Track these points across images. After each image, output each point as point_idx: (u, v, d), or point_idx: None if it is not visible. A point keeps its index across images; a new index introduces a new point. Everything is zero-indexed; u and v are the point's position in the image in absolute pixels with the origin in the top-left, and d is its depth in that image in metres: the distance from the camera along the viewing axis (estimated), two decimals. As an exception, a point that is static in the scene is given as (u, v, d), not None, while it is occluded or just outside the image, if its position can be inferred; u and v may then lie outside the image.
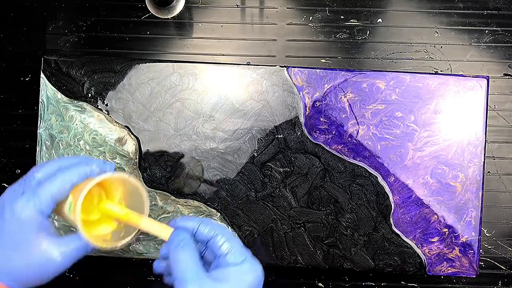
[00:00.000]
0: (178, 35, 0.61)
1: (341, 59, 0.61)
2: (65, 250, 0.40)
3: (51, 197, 0.39)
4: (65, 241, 0.40)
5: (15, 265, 0.38)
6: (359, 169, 0.56)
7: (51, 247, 0.39)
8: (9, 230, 0.38)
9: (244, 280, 0.38)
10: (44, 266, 0.39)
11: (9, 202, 0.39)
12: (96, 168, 0.41)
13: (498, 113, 0.60)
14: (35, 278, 0.39)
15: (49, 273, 0.40)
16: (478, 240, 0.55)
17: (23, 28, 0.62)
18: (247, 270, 0.39)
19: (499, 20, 0.61)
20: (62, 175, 0.39)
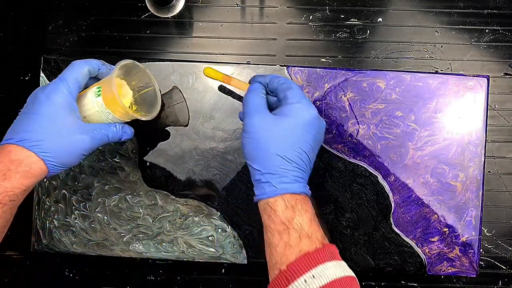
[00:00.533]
0: (178, 34, 0.61)
1: (341, 58, 0.61)
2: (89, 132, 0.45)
3: (75, 79, 0.45)
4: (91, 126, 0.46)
5: (49, 140, 0.43)
6: (359, 168, 0.56)
7: (77, 128, 0.45)
8: (47, 112, 0.44)
9: (299, 116, 0.44)
10: (71, 143, 0.44)
11: (42, 90, 0.45)
12: (105, 66, 0.48)
13: (499, 112, 0.60)
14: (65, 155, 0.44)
15: (76, 151, 0.45)
16: (478, 240, 0.55)
17: (23, 27, 0.62)
18: (303, 108, 0.45)
19: (499, 19, 0.61)
20: (78, 64, 0.46)
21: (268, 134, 0.44)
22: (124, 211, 0.56)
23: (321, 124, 0.46)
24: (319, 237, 0.42)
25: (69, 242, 0.57)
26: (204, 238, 0.56)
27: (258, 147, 0.44)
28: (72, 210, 0.57)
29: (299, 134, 0.44)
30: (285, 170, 0.43)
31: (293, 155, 0.43)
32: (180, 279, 0.60)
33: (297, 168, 0.44)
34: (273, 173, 0.43)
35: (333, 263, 0.41)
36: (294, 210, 0.43)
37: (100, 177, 0.56)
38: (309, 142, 0.44)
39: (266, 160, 0.44)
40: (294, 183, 0.44)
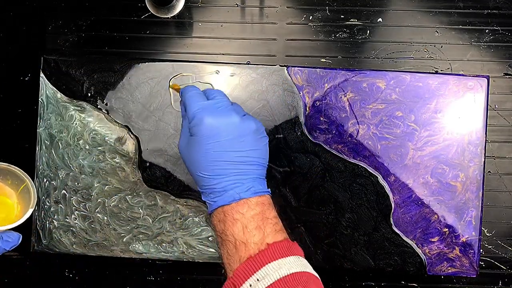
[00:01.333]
0: (178, 34, 0.61)
1: (341, 58, 0.60)
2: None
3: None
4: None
5: None
6: (359, 168, 0.56)
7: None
8: None
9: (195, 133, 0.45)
10: None
11: None
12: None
13: (499, 112, 0.60)
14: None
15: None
16: (478, 240, 0.55)
17: (22, 27, 0.61)
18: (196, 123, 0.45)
19: (499, 19, 0.61)
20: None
21: (186, 157, 0.46)
22: (124, 212, 0.56)
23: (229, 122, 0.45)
24: (258, 240, 0.43)
25: (69, 243, 0.57)
26: (204, 238, 0.56)
27: (189, 171, 0.47)
28: (72, 210, 0.57)
29: (206, 148, 0.44)
30: (211, 186, 0.45)
31: (210, 170, 0.44)
32: (180, 279, 0.60)
33: (223, 178, 0.44)
34: (203, 191, 0.46)
35: (278, 263, 0.41)
36: (224, 222, 0.44)
37: (100, 178, 0.56)
38: (221, 149, 0.44)
39: (196, 181, 0.46)
40: (222, 194, 0.44)
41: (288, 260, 0.42)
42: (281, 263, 0.41)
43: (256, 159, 0.46)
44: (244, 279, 0.41)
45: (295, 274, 0.41)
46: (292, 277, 0.41)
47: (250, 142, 0.45)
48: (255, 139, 0.46)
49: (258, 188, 0.45)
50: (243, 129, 0.45)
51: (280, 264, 0.41)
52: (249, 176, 0.45)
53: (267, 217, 0.44)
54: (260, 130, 0.47)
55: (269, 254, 0.42)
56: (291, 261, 0.42)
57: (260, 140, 0.46)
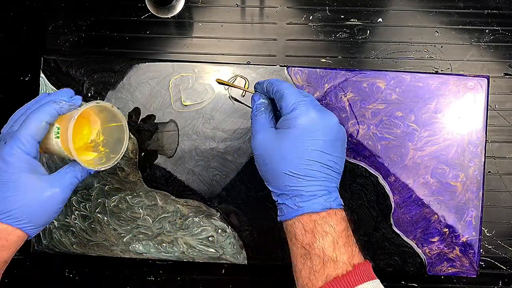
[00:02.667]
0: (178, 34, 0.61)
1: (341, 58, 0.60)
2: (59, 184, 0.43)
3: (31, 137, 0.41)
4: (57, 176, 0.43)
5: (20, 206, 0.40)
6: (359, 168, 0.56)
7: (46, 184, 0.42)
8: (6, 176, 0.40)
9: (297, 125, 0.41)
10: (45, 202, 0.42)
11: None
12: (65, 105, 0.43)
13: (499, 112, 0.60)
14: (41, 215, 0.42)
15: (52, 207, 0.42)
16: (478, 240, 0.55)
17: (22, 27, 0.61)
18: (299, 115, 0.41)
19: (499, 19, 0.61)
20: (35, 116, 0.42)
21: (271, 152, 0.41)
22: (124, 212, 0.56)
23: (329, 122, 0.42)
24: (346, 259, 0.39)
25: (69, 243, 0.57)
26: (204, 238, 0.56)
27: (267, 168, 0.42)
28: (72, 210, 0.56)
29: (303, 145, 0.40)
30: (298, 188, 0.40)
31: (303, 169, 0.40)
32: (180, 279, 0.60)
33: (313, 182, 0.41)
34: (286, 193, 0.41)
35: (364, 286, 0.39)
36: (314, 233, 0.40)
37: (100, 178, 0.56)
38: (318, 149, 0.41)
39: (276, 180, 0.41)
40: (311, 200, 0.40)
41: (372, 285, 0.39)
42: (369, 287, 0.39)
43: (340, 168, 0.43)
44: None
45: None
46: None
47: (340, 149, 0.43)
48: (344, 146, 0.43)
49: (340, 200, 0.42)
50: (338, 133, 0.42)
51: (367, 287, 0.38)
52: (334, 184, 0.42)
53: (351, 234, 0.42)
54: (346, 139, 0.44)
55: (357, 277, 0.39)
56: (376, 284, 0.40)
57: (345, 148, 0.44)
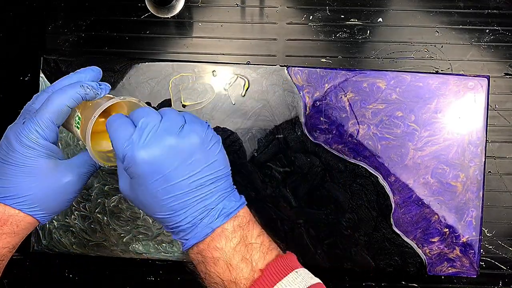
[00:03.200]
0: (178, 34, 0.61)
1: (341, 58, 0.60)
2: (76, 172, 0.41)
3: (51, 122, 0.39)
4: (75, 162, 0.42)
5: (34, 193, 0.39)
6: (360, 169, 0.56)
7: (63, 171, 0.40)
8: (21, 160, 0.39)
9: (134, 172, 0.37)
10: (60, 189, 0.40)
11: (14, 134, 0.39)
12: (91, 91, 0.41)
13: (499, 112, 0.60)
14: (55, 203, 0.41)
15: (66, 196, 0.41)
16: (478, 240, 0.55)
17: (22, 27, 0.61)
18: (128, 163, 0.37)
19: (500, 19, 0.61)
20: (57, 99, 0.39)
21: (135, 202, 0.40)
22: (124, 212, 0.56)
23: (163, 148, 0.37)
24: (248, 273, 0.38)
25: (69, 243, 0.56)
26: (204, 238, 0.56)
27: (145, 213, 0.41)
28: (72, 210, 0.56)
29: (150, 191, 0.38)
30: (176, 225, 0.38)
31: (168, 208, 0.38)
32: (180, 279, 0.60)
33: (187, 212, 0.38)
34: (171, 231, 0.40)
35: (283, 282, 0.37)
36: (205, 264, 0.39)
37: (99, 178, 0.56)
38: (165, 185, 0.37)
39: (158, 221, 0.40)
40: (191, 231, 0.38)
41: (287, 280, 0.37)
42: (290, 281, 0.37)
43: (215, 174, 0.38)
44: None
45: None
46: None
47: (201, 160, 0.38)
48: (204, 152, 0.38)
49: (230, 207, 0.39)
50: (186, 149, 0.37)
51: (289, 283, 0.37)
52: (214, 197, 0.38)
53: (250, 242, 0.39)
54: (207, 138, 0.39)
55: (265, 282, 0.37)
56: (290, 280, 0.38)
57: (211, 150, 0.39)
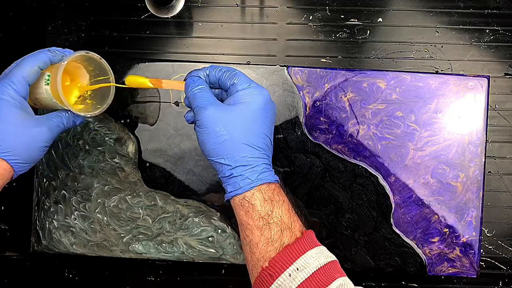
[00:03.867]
0: (178, 34, 0.61)
1: (341, 58, 0.60)
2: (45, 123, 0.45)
3: (23, 78, 0.44)
4: (44, 116, 0.46)
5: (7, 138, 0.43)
6: (360, 169, 0.56)
7: (33, 121, 0.44)
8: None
9: (255, 100, 0.43)
10: (31, 136, 0.44)
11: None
12: (58, 54, 0.46)
13: (499, 112, 0.60)
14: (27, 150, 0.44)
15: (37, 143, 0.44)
16: (478, 240, 0.55)
17: (22, 27, 0.61)
18: (256, 91, 0.43)
19: (500, 19, 0.61)
20: (28, 61, 0.45)
21: (228, 124, 0.41)
22: (124, 212, 0.56)
23: (273, 106, 0.45)
24: (299, 226, 0.41)
25: (69, 243, 0.56)
26: (204, 238, 0.56)
27: (221, 140, 0.41)
28: (72, 210, 0.56)
29: (259, 119, 0.42)
30: (256, 159, 0.41)
31: (260, 142, 0.42)
32: (180, 279, 0.60)
33: (265, 155, 0.43)
34: (245, 165, 0.41)
35: (314, 251, 0.40)
36: (273, 202, 0.41)
37: (99, 178, 0.56)
38: (269, 125, 0.43)
39: (233, 151, 0.41)
40: (266, 171, 0.42)
41: (322, 249, 0.41)
42: (318, 251, 0.40)
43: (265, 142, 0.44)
44: (284, 268, 0.39)
45: (332, 262, 0.40)
46: (330, 265, 0.40)
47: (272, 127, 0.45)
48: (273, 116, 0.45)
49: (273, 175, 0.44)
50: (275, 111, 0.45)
51: (318, 253, 0.40)
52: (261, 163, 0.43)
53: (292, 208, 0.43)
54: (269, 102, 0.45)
55: (306, 242, 0.40)
56: (323, 250, 0.41)
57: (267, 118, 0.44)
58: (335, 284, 0.38)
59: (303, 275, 0.38)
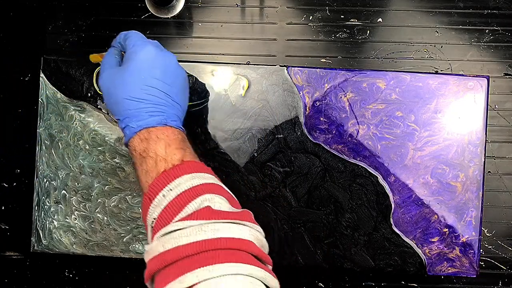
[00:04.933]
0: (178, 34, 0.61)
1: (341, 58, 0.60)
2: None
3: None
4: None
5: None
6: (359, 169, 0.56)
7: None
8: None
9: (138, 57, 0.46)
10: None
11: None
12: None
13: (499, 112, 0.60)
14: None
15: None
16: (478, 240, 0.55)
17: (23, 27, 0.61)
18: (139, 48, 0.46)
19: (499, 19, 0.61)
20: None
21: (115, 83, 0.46)
22: (124, 212, 0.56)
23: (164, 57, 0.47)
24: (178, 158, 0.44)
25: (69, 243, 0.57)
26: (204, 238, 0.56)
27: (111, 99, 0.46)
28: (72, 210, 0.57)
29: (144, 73, 0.45)
30: (138, 110, 0.45)
31: (142, 94, 0.45)
32: (180, 279, 0.60)
33: (152, 104, 0.45)
34: (129, 117, 0.45)
35: (191, 175, 0.42)
36: (148, 141, 0.45)
37: (100, 178, 0.56)
38: (157, 77, 0.45)
39: (119, 107, 0.46)
40: (149, 118, 0.45)
41: (202, 175, 0.43)
42: (194, 175, 0.43)
43: (181, 102, 0.48)
44: (158, 191, 0.42)
45: (207, 184, 0.42)
46: (204, 186, 0.42)
47: (180, 84, 0.48)
48: (183, 84, 0.49)
49: (181, 125, 0.47)
50: (178, 70, 0.48)
51: (194, 176, 0.43)
52: (174, 112, 0.47)
53: (187, 145, 0.46)
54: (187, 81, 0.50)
55: (184, 168, 0.43)
56: (205, 176, 0.43)
57: (187, 88, 0.50)
58: (200, 199, 0.41)
59: (174, 194, 0.41)
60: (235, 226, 0.40)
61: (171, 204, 0.41)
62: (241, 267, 0.38)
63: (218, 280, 0.36)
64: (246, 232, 0.40)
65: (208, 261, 0.37)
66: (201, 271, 0.37)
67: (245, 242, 0.40)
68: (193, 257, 0.38)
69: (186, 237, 0.39)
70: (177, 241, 0.39)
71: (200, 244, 0.38)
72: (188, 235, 0.39)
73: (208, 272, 0.36)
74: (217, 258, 0.37)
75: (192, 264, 0.37)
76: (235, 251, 0.39)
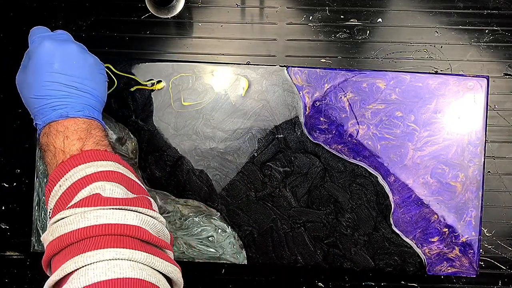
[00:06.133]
0: (178, 34, 0.61)
1: (341, 58, 0.61)
2: None
3: None
4: None
5: None
6: (359, 168, 0.56)
7: None
8: None
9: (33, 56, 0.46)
10: None
11: None
12: None
13: (498, 112, 0.60)
14: None
15: None
16: (478, 240, 0.55)
17: (23, 27, 0.61)
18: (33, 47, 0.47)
19: (499, 19, 0.61)
20: None
21: (22, 84, 0.47)
22: (124, 212, 0.56)
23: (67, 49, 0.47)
24: (76, 148, 0.44)
25: (69, 243, 0.56)
26: (204, 238, 0.56)
27: (23, 98, 0.48)
28: (72, 210, 0.56)
29: (42, 69, 0.46)
30: (42, 107, 0.46)
31: (43, 91, 0.46)
32: (180, 279, 0.60)
33: (55, 99, 0.46)
34: (36, 115, 0.47)
35: (88, 164, 0.43)
36: (48, 135, 0.46)
37: (100, 178, 0.56)
38: (56, 71, 0.46)
39: (29, 106, 0.47)
40: (51, 113, 0.46)
41: (99, 163, 0.44)
42: (91, 164, 0.43)
43: (91, 89, 0.48)
44: (56, 181, 0.43)
45: (102, 172, 0.43)
46: (98, 174, 0.42)
47: (87, 72, 0.48)
48: (92, 71, 0.48)
49: (89, 113, 0.47)
50: (81, 59, 0.47)
51: (90, 165, 0.43)
52: (81, 102, 0.47)
53: (92, 134, 0.46)
54: (100, 67, 0.50)
55: (81, 157, 0.43)
56: (102, 164, 0.44)
57: (98, 74, 0.49)
58: (90, 187, 0.41)
59: (68, 183, 0.42)
60: (120, 212, 0.40)
61: (64, 194, 0.42)
62: (121, 252, 0.38)
63: (92, 266, 0.37)
64: (132, 218, 0.40)
65: (88, 248, 0.38)
66: (79, 258, 0.37)
67: (130, 227, 0.40)
68: (76, 244, 0.39)
69: (70, 225, 0.39)
70: (62, 229, 0.40)
71: (81, 231, 0.39)
72: (71, 223, 0.39)
73: (85, 259, 0.37)
74: (97, 244, 0.38)
75: (74, 251, 0.38)
76: (117, 237, 0.39)
